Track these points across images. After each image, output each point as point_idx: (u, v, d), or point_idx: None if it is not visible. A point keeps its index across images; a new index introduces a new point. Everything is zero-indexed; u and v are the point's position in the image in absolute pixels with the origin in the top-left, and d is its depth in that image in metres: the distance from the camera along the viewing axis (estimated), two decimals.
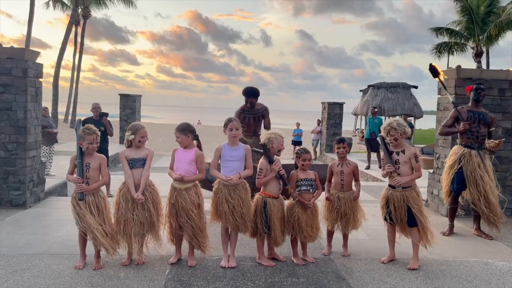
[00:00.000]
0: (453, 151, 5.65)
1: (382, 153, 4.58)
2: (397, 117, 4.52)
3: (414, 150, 4.38)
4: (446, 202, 5.88)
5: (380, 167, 12.43)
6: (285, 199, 4.40)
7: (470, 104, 5.59)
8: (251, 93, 7.02)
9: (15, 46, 6.83)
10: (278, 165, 4.18)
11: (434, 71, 5.58)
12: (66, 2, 30.85)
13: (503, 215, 5.41)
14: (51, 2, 30.73)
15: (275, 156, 4.27)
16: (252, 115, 7.07)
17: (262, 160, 4.27)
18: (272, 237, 4.26)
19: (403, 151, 4.33)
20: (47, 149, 10.13)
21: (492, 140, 5.45)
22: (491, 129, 5.60)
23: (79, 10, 29.09)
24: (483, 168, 5.36)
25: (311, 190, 4.33)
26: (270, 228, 4.20)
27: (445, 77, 5.78)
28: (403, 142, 4.33)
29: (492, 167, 5.47)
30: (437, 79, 5.72)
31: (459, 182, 5.47)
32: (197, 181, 4.25)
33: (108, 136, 8.25)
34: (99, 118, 8.11)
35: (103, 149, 7.71)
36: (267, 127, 7.13)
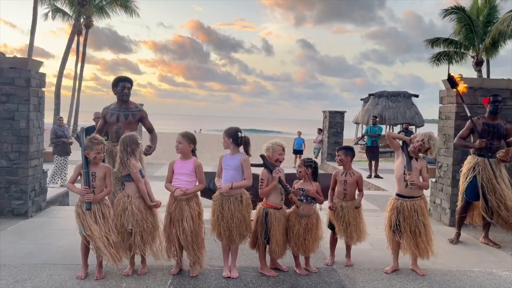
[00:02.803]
0: (467, 160, 5.63)
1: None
2: (436, 137, 4.59)
3: (425, 162, 4.47)
4: (458, 206, 5.76)
5: (375, 176, 12.49)
6: (287, 209, 4.38)
7: (486, 115, 5.56)
8: (123, 78, 5.48)
9: (18, 55, 6.87)
10: (278, 173, 4.15)
11: (452, 82, 5.46)
12: (67, 12, 31.07)
13: None
14: (50, 13, 30.92)
15: (278, 166, 4.26)
16: (123, 112, 5.38)
17: (263, 170, 4.26)
18: (270, 248, 4.22)
19: (416, 159, 4.44)
20: (61, 160, 9.96)
21: (500, 150, 5.43)
22: (508, 140, 5.53)
23: (81, 20, 29.29)
24: (499, 175, 5.36)
25: (304, 200, 4.28)
26: (270, 239, 4.18)
27: (464, 89, 5.57)
28: (417, 153, 4.46)
29: (507, 175, 5.46)
30: (454, 90, 5.60)
31: (472, 192, 5.44)
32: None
33: None
34: None
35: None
36: (151, 129, 5.62)
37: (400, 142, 4.55)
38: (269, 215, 4.18)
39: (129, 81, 5.48)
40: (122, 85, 5.39)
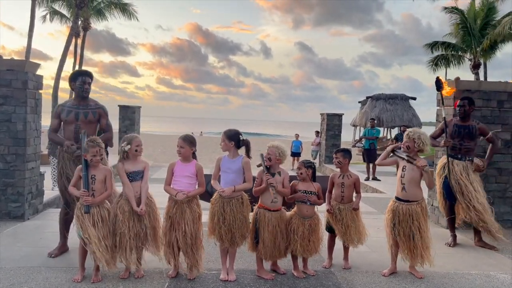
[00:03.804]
0: (440, 160, 5.86)
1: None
2: (421, 130, 4.58)
3: (425, 161, 4.45)
4: (442, 211, 5.88)
5: (373, 179, 12.50)
6: (287, 211, 4.37)
7: (458, 117, 5.69)
8: (83, 72, 5.00)
9: (16, 58, 6.85)
10: (268, 177, 4.12)
11: (439, 84, 5.59)
12: (65, 14, 31.01)
13: (493, 222, 5.38)
14: (48, 16, 30.85)
15: (283, 170, 4.26)
16: (83, 110, 4.82)
17: (259, 170, 4.26)
18: (258, 248, 4.21)
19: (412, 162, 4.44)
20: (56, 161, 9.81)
21: (474, 162, 5.54)
22: (486, 137, 5.68)
23: (79, 22, 29.24)
24: (466, 177, 5.44)
25: (308, 203, 4.29)
26: (258, 240, 4.17)
27: (450, 93, 5.79)
28: (415, 153, 4.46)
29: (477, 179, 5.54)
30: (439, 92, 5.75)
31: (448, 192, 5.56)
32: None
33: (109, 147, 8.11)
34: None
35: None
36: (107, 130, 5.02)
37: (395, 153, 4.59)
38: (258, 215, 4.19)
39: (89, 75, 4.97)
40: (82, 80, 4.86)
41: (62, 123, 4.91)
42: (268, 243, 4.15)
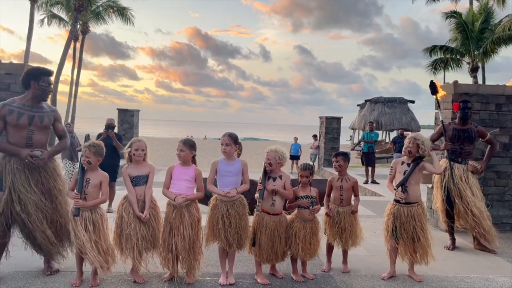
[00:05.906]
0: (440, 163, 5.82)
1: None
2: (425, 136, 4.60)
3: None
4: (440, 217, 5.85)
5: (371, 182, 12.51)
6: (288, 214, 4.37)
7: (457, 121, 5.66)
8: (48, 71, 4.31)
9: (15, 61, 6.84)
10: (260, 186, 4.14)
11: (433, 88, 5.55)
12: (64, 18, 31.05)
13: (492, 228, 5.36)
14: (46, 20, 30.88)
15: (285, 173, 4.27)
16: (38, 113, 4.17)
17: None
18: (254, 250, 4.20)
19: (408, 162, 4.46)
20: (70, 167, 9.28)
21: (470, 164, 5.54)
22: (485, 139, 5.69)
23: (78, 26, 29.26)
24: (465, 181, 5.44)
25: (310, 207, 4.29)
26: (255, 242, 4.16)
27: (442, 96, 5.79)
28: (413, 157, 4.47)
29: (476, 184, 5.53)
30: (434, 96, 5.72)
31: (447, 195, 5.55)
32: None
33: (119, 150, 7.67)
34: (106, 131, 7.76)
35: (114, 165, 7.51)
36: (63, 136, 4.44)
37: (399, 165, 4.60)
38: (257, 217, 4.19)
39: (52, 75, 4.35)
40: (47, 81, 4.23)
41: (6, 126, 4.11)
42: (264, 246, 4.15)
